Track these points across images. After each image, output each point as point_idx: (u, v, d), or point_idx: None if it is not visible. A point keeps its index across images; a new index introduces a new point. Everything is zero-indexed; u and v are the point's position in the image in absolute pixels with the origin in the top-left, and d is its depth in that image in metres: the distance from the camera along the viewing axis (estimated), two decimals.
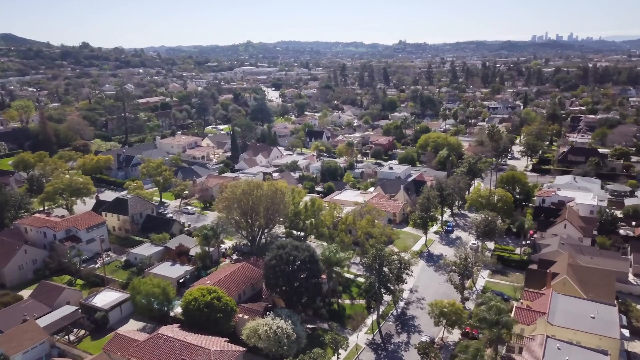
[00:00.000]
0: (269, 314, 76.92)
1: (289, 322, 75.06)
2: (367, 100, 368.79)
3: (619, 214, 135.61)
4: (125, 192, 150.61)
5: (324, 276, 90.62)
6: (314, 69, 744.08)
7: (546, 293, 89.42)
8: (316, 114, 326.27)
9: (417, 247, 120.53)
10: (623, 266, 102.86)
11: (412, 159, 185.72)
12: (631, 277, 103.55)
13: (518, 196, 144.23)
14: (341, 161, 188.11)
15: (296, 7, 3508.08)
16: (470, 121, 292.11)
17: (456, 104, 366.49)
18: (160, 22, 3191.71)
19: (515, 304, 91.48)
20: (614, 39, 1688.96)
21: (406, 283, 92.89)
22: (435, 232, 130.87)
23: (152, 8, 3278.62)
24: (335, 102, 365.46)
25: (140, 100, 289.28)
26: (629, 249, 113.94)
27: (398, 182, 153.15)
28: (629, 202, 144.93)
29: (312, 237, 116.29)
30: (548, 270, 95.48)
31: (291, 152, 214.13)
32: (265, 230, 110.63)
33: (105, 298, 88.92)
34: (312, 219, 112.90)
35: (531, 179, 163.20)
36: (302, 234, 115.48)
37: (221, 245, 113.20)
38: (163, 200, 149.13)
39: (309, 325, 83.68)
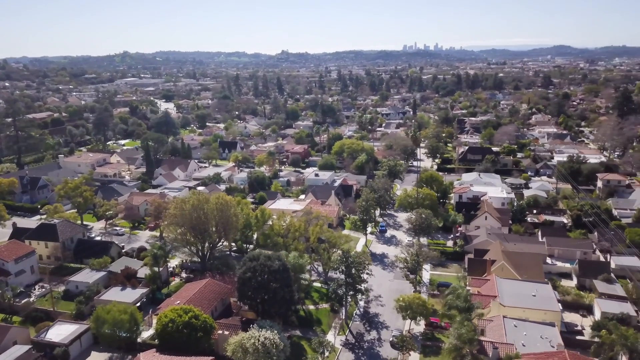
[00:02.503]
0: (252, 326, 76.56)
1: (275, 332, 75.50)
2: (269, 110, 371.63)
3: (522, 204, 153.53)
4: (39, 217, 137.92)
5: None
6: (202, 79, 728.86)
7: (490, 279, 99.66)
8: (218, 125, 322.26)
9: (359, 248, 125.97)
10: (541, 249, 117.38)
11: (331, 165, 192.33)
12: (547, 258, 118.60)
13: (437, 194, 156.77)
14: (263, 171, 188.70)
15: (174, 15, 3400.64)
16: (369, 127, 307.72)
17: (352, 111, 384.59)
18: (21, 31, 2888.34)
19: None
20: (472, 48, 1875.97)
21: (367, 282, 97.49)
22: (371, 233, 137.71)
23: (8, 15, 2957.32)
24: (236, 112, 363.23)
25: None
26: (539, 233, 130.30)
27: (327, 187, 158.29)
28: (527, 193, 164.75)
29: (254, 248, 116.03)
30: (487, 258, 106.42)
31: (207, 165, 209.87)
32: (218, 245, 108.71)
33: (60, 332, 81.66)
34: (261, 230, 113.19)
35: None
36: (252, 246, 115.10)
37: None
38: (85, 222, 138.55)
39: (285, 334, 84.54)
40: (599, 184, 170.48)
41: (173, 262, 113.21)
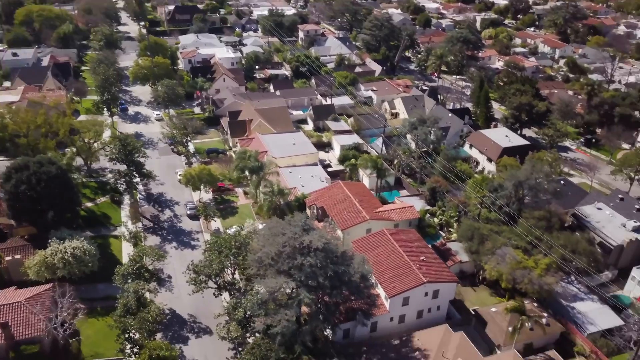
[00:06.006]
0: (51, 241, 68.49)
1: (81, 239, 69.98)
2: None
3: (249, 61, 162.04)
4: None
5: None
6: None
7: (254, 137, 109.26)
8: None
9: (108, 132, 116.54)
10: (281, 102, 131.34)
11: (25, 39, 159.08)
12: None
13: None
14: None
15: None
16: None
17: None
18: None
19: (231, 153, 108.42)
20: None
21: (145, 165, 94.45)
22: (112, 114, 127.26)
23: None
24: None
25: None
26: (271, 87, 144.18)
27: (38, 68, 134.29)
28: (245, 50, 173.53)
29: None
30: (247, 119, 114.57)
31: None
32: None
33: None
34: None
35: None
36: None
37: None
38: None
39: None
40: (300, 34, 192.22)
41: None
